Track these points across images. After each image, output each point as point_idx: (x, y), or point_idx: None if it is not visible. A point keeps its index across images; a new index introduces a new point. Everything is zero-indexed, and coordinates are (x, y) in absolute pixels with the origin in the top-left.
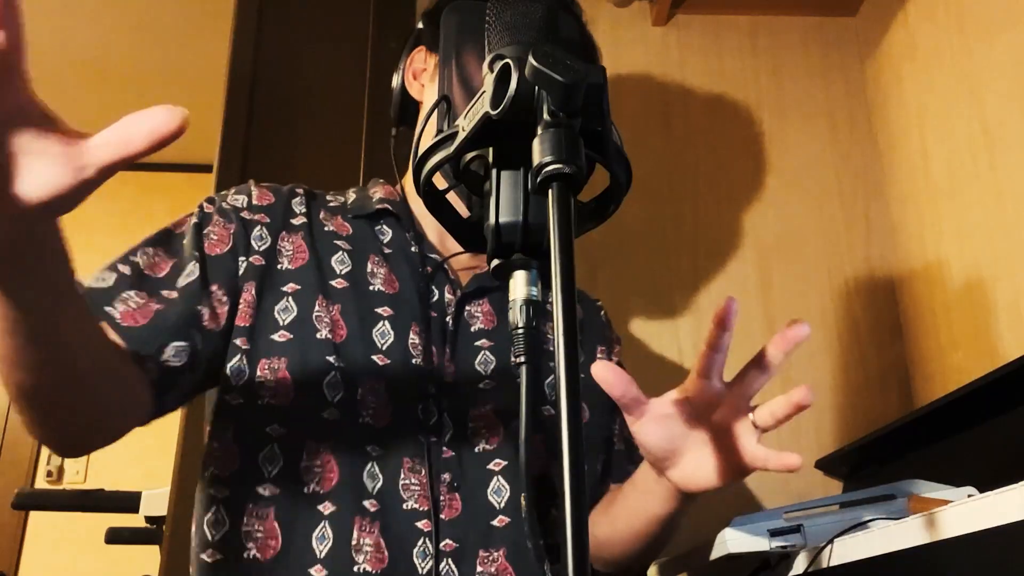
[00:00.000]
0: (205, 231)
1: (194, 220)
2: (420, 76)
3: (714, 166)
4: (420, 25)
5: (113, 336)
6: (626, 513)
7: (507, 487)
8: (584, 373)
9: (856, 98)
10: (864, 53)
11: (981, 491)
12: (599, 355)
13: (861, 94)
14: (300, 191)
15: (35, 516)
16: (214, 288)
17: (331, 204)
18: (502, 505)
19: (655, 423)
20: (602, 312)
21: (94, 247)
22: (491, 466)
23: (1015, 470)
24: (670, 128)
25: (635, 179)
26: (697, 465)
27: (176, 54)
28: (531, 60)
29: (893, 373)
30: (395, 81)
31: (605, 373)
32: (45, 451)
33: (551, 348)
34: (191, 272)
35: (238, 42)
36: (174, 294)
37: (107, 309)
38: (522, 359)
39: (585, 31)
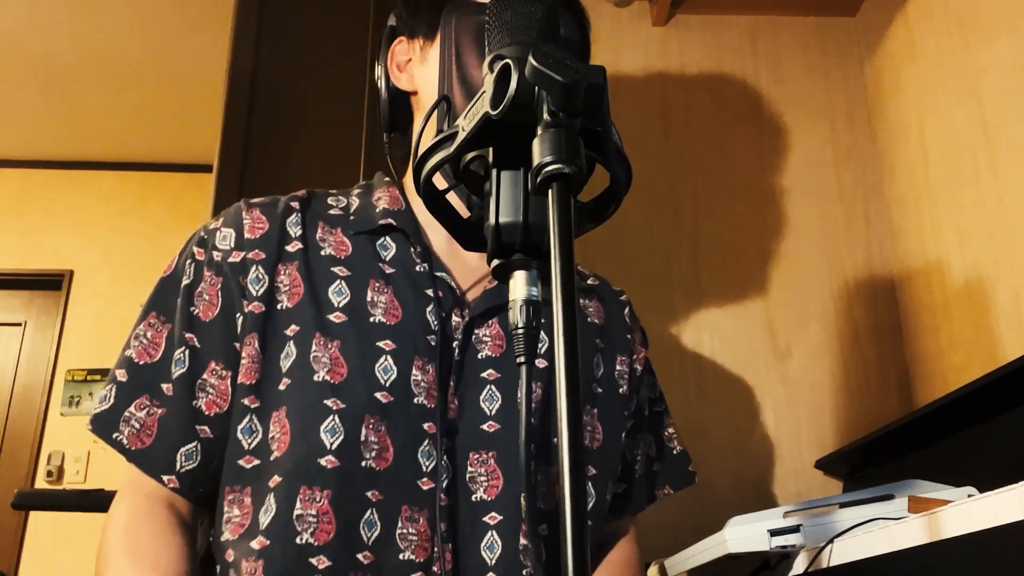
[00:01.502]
0: (198, 291)
1: (186, 280)
2: (406, 67)
3: (714, 166)
4: (392, 21)
5: (128, 464)
6: None
7: (499, 543)
8: (603, 388)
9: (856, 98)
10: (864, 53)
11: (981, 491)
12: (619, 366)
13: (861, 94)
14: (296, 204)
15: (35, 516)
16: (212, 365)
17: (332, 212)
18: (493, 562)
19: None
20: (627, 308)
21: (95, 246)
22: (487, 519)
23: (1015, 470)
24: (670, 128)
25: (635, 179)
26: None
27: (176, 54)
28: (531, 60)
29: (893, 373)
30: (379, 84)
31: None
32: (45, 451)
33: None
34: (181, 360)
35: (238, 42)
36: (170, 389)
37: (115, 436)
38: (522, 359)
39: (585, 32)
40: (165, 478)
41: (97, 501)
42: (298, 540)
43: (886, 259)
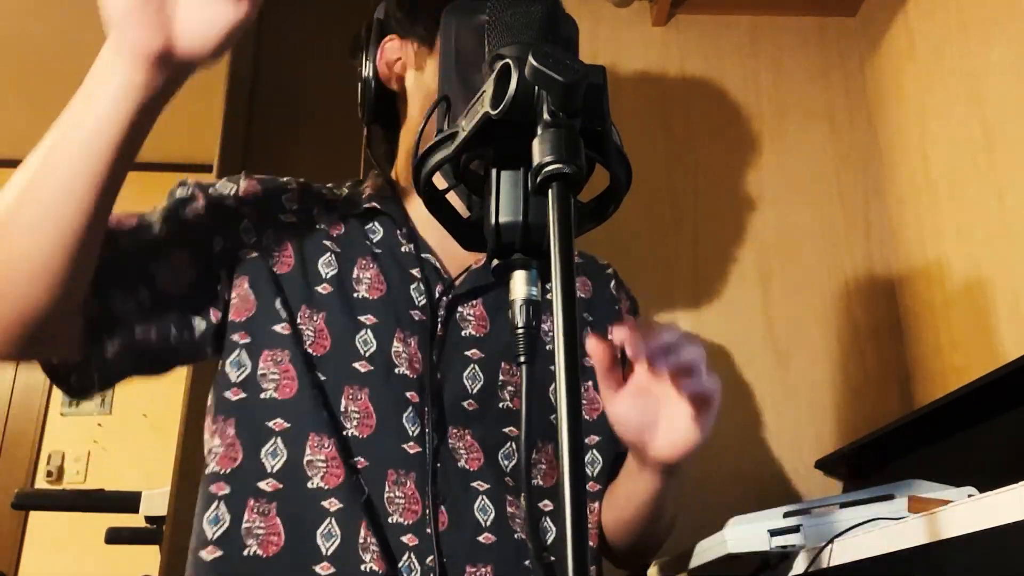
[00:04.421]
0: (190, 203)
1: (178, 194)
2: (396, 67)
3: (714, 166)
4: (380, 14)
5: None
6: (620, 501)
7: (492, 508)
8: None
9: (856, 98)
10: (864, 53)
11: (981, 491)
12: (611, 336)
13: (861, 94)
14: (292, 186)
15: (35, 516)
16: (180, 252)
17: (327, 198)
18: (488, 523)
19: (630, 398)
20: (612, 281)
21: None
22: (475, 484)
23: (1015, 470)
24: (670, 128)
25: (635, 179)
26: (669, 428)
27: None
28: (531, 60)
29: (893, 373)
30: (366, 72)
31: (594, 344)
32: (45, 451)
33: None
34: (153, 229)
35: (238, 42)
36: (130, 247)
37: None
38: (522, 359)
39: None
40: (90, 300)
41: (97, 501)
42: (309, 484)
43: (886, 259)
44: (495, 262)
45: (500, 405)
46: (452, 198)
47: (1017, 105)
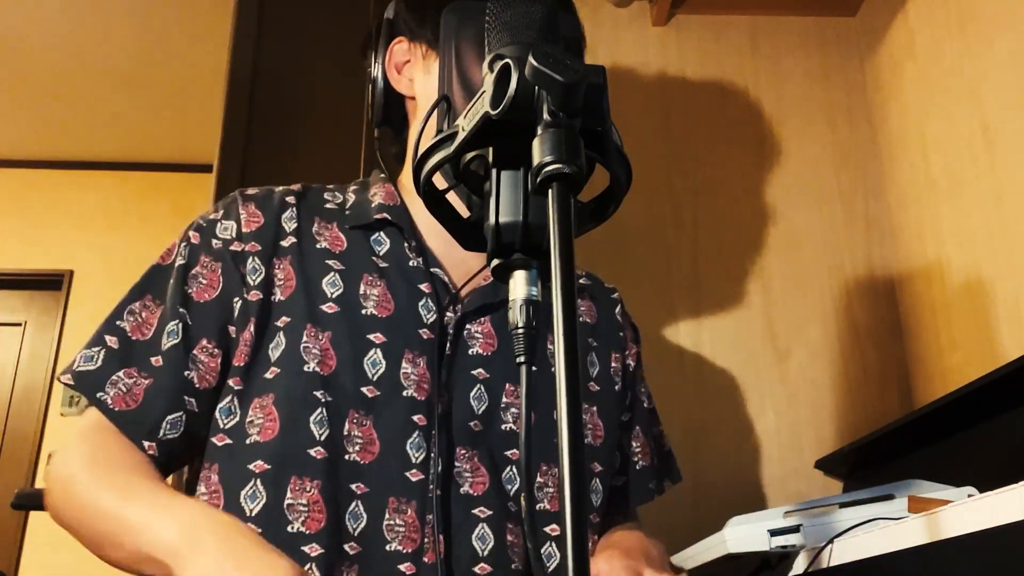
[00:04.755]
0: (192, 272)
1: (180, 261)
2: (404, 69)
3: (714, 166)
4: (390, 14)
5: (106, 421)
6: None
7: (491, 536)
8: (600, 386)
9: (856, 98)
10: (864, 53)
11: (981, 491)
12: (613, 363)
13: (861, 94)
14: (292, 200)
15: (35, 516)
16: (203, 343)
17: (328, 206)
18: (485, 553)
19: None
20: (618, 307)
21: (95, 247)
22: (476, 511)
23: (1015, 470)
24: (670, 128)
25: (635, 179)
26: None
27: (176, 54)
28: (531, 60)
29: (893, 373)
30: (375, 74)
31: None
32: (45, 451)
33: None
34: (174, 331)
35: (238, 42)
36: (159, 361)
37: (99, 395)
38: (522, 359)
39: (581, 29)
40: (146, 444)
41: None
42: (289, 528)
43: (886, 259)
44: (495, 262)
45: (503, 427)
46: (452, 198)
47: (1017, 105)
